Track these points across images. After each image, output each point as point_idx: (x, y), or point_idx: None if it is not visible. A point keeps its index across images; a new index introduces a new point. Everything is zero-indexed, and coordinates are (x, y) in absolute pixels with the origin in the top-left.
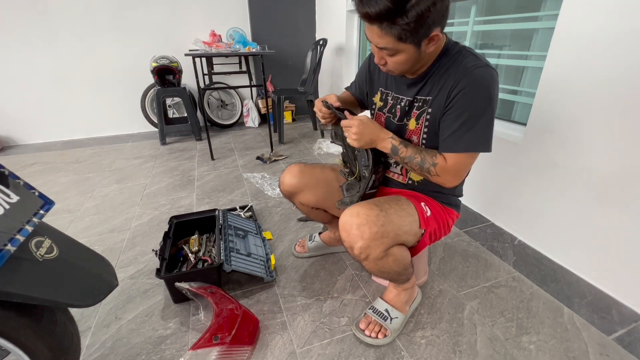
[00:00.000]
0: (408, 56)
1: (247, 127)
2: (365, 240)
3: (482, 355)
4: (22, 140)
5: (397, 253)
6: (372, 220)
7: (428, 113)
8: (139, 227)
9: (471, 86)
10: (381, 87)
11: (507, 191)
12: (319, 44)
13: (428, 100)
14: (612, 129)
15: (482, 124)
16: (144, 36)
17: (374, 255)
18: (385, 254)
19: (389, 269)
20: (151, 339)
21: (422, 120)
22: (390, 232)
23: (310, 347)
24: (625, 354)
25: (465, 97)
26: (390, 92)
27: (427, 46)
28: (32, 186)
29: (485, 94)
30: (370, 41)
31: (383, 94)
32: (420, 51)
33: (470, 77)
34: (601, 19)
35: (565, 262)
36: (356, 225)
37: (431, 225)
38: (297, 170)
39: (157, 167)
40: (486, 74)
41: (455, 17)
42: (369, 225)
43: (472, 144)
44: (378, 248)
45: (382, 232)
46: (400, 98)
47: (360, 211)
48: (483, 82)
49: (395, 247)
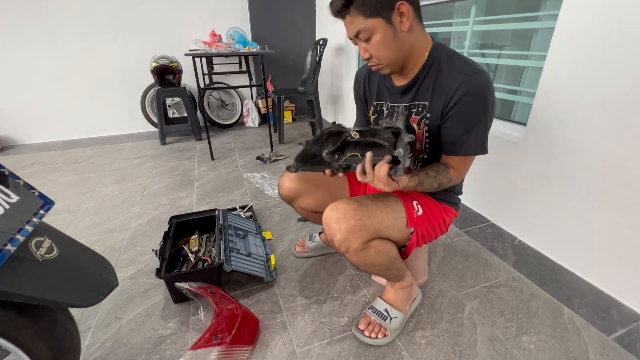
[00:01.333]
0: (383, 34)
1: (247, 127)
2: (342, 233)
3: (482, 355)
4: (22, 140)
5: (378, 245)
6: (349, 214)
7: (427, 118)
8: (139, 227)
9: (472, 94)
10: (374, 102)
11: (507, 191)
12: (319, 44)
13: (426, 105)
14: (612, 128)
15: (482, 128)
16: (144, 36)
17: (354, 247)
18: (365, 246)
19: (372, 261)
20: (151, 339)
21: (422, 125)
22: (369, 226)
23: (310, 347)
24: (625, 354)
25: (467, 104)
26: (385, 102)
27: (400, 24)
28: (32, 186)
29: (485, 100)
30: (350, 37)
31: (377, 106)
32: (394, 28)
33: (469, 84)
34: (601, 18)
35: (565, 262)
36: (335, 219)
37: (421, 225)
38: (295, 174)
39: (157, 167)
40: (483, 80)
41: (456, 17)
42: (346, 218)
43: (476, 148)
44: (356, 240)
45: (359, 225)
46: (396, 106)
47: (340, 206)
48: (482, 89)
49: (376, 240)
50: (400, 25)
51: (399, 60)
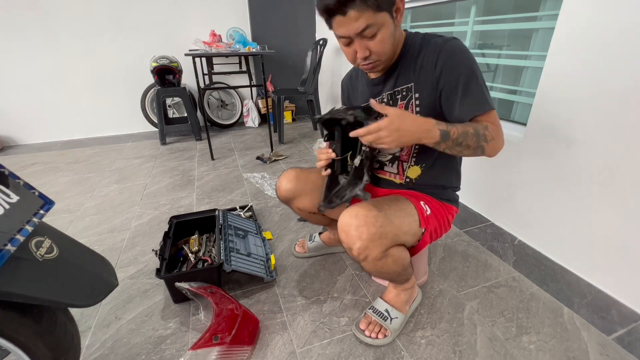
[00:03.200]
0: (388, 29)
1: (247, 127)
2: (363, 241)
3: (482, 355)
4: (22, 140)
5: (396, 254)
6: (370, 221)
7: (416, 98)
8: (139, 227)
9: (451, 56)
10: (361, 104)
11: (507, 191)
12: (319, 44)
13: (410, 87)
14: (612, 128)
15: (481, 82)
16: (144, 36)
17: (373, 256)
18: (384, 255)
19: (388, 270)
20: (151, 339)
21: (411, 107)
22: (389, 233)
23: (310, 347)
24: (625, 354)
25: (452, 67)
26: (369, 99)
27: (396, 19)
28: (32, 186)
29: (466, 57)
30: (348, 35)
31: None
32: (394, 25)
33: (445, 51)
34: (601, 18)
35: (565, 262)
36: (355, 226)
37: (431, 224)
38: (293, 175)
39: (157, 167)
40: (456, 43)
41: (456, 17)
42: (367, 226)
43: (487, 101)
44: (377, 249)
45: (380, 233)
46: (380, 98)
47: (359, 212)
48: (457, 49)
49: (394, 248)
50: (396, 20)
51: (393, 54)
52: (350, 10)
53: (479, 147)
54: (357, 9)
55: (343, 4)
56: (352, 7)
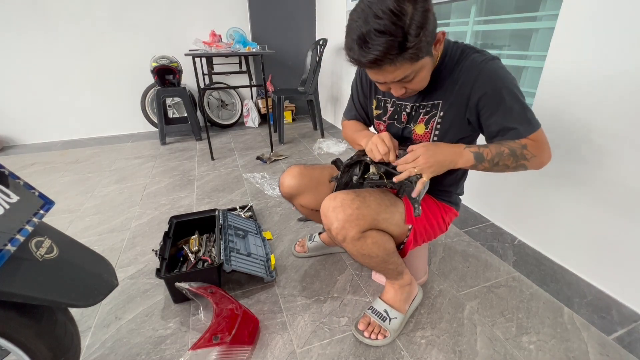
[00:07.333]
0: (427, 69)
1: (247, 127)
2: (339, 221)
3: (482, 355)
4: (22, 140)
5: (375, 236)
6: (347, 203)
7: (440, 117)
8: (139, 227)
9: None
10: (378, 95)
11: (507, 191)
12: (319, 44)
13: (437, 104)
14: (612, 128)
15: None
16: (143, 36)
17: (351, 236)
18: (362, 235)
19: (369, 252)
20: (151, 339)
21: (432, 124)
22: (366, 216)
23: (310, 347)
24: (625, 354)
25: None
26: (390, 99)
27: (435, 49)
28: (32, 186)
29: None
30: (384, 82)
31: (380, 102)
32: (433, 58)
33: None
34: (601, 18)
35: (565, 262)
36: (332, 207)
37: (419, 223)
38: (297, 171)
39: (157, 167)
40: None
41: (456, 17)
42: (343, 207)
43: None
44: (353, 229)
45: (356, 215)
46: (402, 104)
47: (338, 196)
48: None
49: (373, 231)
50: (435, 50)
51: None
52: (387, 66)
53: (520, 166)
54: (393, 64)
55: (378, 62)
56: (387, 63)
